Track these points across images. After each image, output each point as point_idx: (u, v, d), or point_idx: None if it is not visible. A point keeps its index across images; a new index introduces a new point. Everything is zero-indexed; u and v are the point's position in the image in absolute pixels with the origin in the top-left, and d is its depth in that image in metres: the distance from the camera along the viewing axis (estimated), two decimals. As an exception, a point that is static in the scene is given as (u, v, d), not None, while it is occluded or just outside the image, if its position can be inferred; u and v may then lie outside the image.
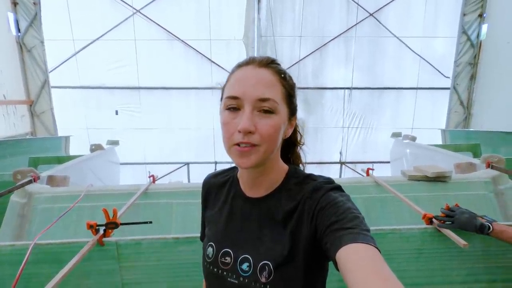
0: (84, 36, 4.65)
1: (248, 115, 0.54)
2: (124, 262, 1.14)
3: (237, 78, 0.57)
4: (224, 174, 0.73)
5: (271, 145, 0.56)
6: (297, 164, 0.72)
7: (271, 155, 0.59)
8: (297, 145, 0.71)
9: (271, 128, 0.55)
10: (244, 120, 0.53)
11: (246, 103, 0.54)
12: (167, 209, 1.67)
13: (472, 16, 4.70)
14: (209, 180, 0.75)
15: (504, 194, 1.76)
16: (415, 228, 1.16)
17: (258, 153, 0.55)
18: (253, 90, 0.54)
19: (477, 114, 4.89)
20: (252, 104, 0.54)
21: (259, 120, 0.54)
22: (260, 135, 0.54)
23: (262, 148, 0.55)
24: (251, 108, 0.54)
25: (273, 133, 0.55)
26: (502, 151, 2.96)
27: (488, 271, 1.19)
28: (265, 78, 0.56)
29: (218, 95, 2.77)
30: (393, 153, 3.78)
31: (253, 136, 0.54)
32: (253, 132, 0.54)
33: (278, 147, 0.60)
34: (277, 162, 0.63)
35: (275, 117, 0.55)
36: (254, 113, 0.54)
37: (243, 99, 0.54)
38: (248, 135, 0.54)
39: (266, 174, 0.62)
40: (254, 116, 0.54)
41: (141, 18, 4.65)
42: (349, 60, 4.95)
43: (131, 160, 5.09)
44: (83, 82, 4.85)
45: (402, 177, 1.83)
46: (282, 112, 0.57)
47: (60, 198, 1.71)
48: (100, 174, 2.95)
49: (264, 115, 0.55)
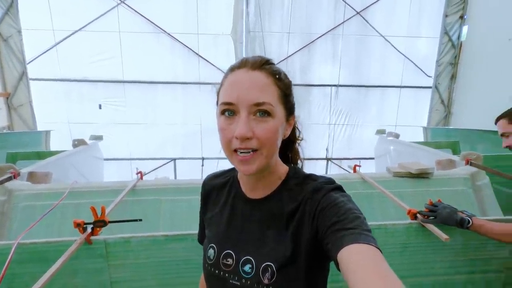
0: (65, 26, 4.45)
1: (244, 120, 0.53)
2: (113, 260, 1.12)
3: (231, 82, 0.56)
4: (224, 175, 0.73)
5: (271, 148, 0.56)
6: (296, 160, 0.71)
7: (272, 158, 0.59)
8: (296, 141, 0.71)
9: (269, 132, 0.54)
10: (241, 127, 0.53)
11: (241, 108, 0.54)
12: (155, 206, 1.65)
13: (453, 18, 4.86)
14: (209, 181, 0.74)
15: (481, 189, 1.85)
16: (400, 224, 1.20)
17: (260, 159, 0.55)
18: (247, 94, 0.53)
19: (457, 112, 5.09)
20: (248, 109, 0.53)
21: (256, 124, 0.54)
22: (258, 139, 0.54)
23: (261, 153, 0.55)
24: (247, 113, 0.53)
25: (271, 136, 0.55)
26: (479, 148, 3.09)
27: (467, 264, 1.25)
28: (259, 81, 0.55)
29: (205, 90, 2.77)
30: (378, 149, 3.88)
31: (251, 141, 0.53)
32: (250, 138, 0.53)
33: (277, 149, 0.60)
34: (276, 163, 0.63)
35: (272, 120, 0.55)
36: (250, 117, 0.54)
37: (238, 104, 0.54)
38: (246, 141, 0.53)
39: (267, 175, 0.62)
40: (250, 121, 0.54)
41: (125, 9, 4.51)
42: (336, 57, 5.02)
43: (116, 156, 4.97)
44: (64, 74, 4.65)
45: (388, 174, 1.89)
46: (278, 114, 0.56)
47: (43, 195, 1.65)
48: (83, 170, 2.86)
49: (260, 119, 0.54)
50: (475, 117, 4.62)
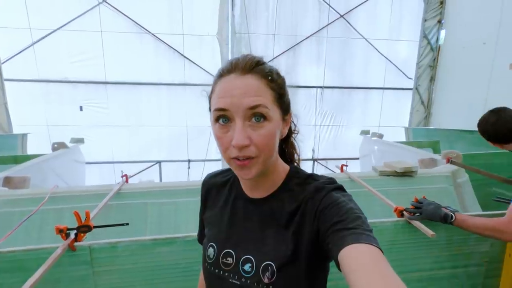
0: (43, 25, 4.27)
1: (240, 129, 0.52)
2: (98, 267, 1.08)
3: (222, 88, 0.54)
4: (224, 174, 0.72)
5: (269, 153, 0.55)
6: (292, 154, 0.70)
7: (271, 161, 0.58)
8: (291, 134, 0.70)
9: (266, 138, 0.53)
10: (237, 136, 0.51)
11: (236, 115, 0.52)
12: (142, 209, 1.61)
13: (432, 22, 5.05)
14: (209, 180, 0.73)
15: (461, 186, 1.93)
16: (388, 221, 1.22)
17: (258, 164, 0.54)
18: (240, 100, 0.51)
19: (436, 113, 5.28)
20: (243, 115, 0.52)
21: (252, 131, 0.52)
22: (256, 146, 0.53)
23: (260, 159, 0.54)
24: (242, 120, 0.52)
25: (269, 141, 0.54)
26: (458, 147, 3.22)
27: (451, 258, 1.29)
28: (252, 86, 0.53)
29: (191, 91, 2.74)
30: (362, 149, 3.97)
31: (249, 149, 0.52)
32: (248, 146, 0.52)
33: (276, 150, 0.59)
34: (276, 163, 0.62)
35: (268, 124, 0.53)
36: (246, 124, 0.52)
37: (232, 110, 0.52)
38: (244, 149, 0.52)
39: (267, 176, 0.61)
40: (246, 128, 0.52)
41: (108, 9, 4.39)
42: (321, 59, 5.09)
43: (98, 159, 4.82)
44: (43, 75, 4.47)
45: (374, 173, 1.93)
46: (274, 116, 0.55)
47: (21, 201, 1.57)
48: (63, 175, 2.75)
49: (257, 125, 0.53)
50: (453, 118, 4.82)
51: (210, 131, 4.03)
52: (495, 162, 2.37)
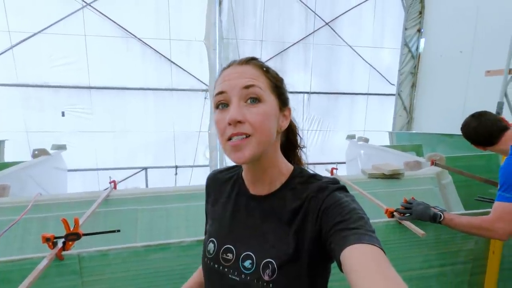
0: (23, 28, 4.13)
1: (235, 105, 0.55)
2: (88, 276, 1.03)
3: (222, 77, 0.59)
4: (229, 170, 0.72)
5: (264, 134, 0.55)
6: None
7: (267, 148, 0.58)
8: (297, 147, 0.72)
9: (260, 116, 0.55)
10: (231, 111, 0.54)
11: (232, 95, 0.55)
12: (132, 216, 1.56)
13: (412, 31, 5.28)
14: (213, 176, 0.74)
15: (446, 187, 2.00)
16: (380, 222, 1.25)
17: (251, 144, 0.54)
18: (236, 81, 0.56)
19: (417, 118, 5.48)
20: (238, 94, 0.55)
21: (247, 110, 0.55)
22: (250, 124, 0.54)
23: (254, 138, 0.54)
24: (238, 99, 0.55)
25: (263, 120, 0.55)
26: (439, 150, 3.34)
27: (439, 257, 1.33)
28: (248, 72, 0.58)
29: (178, 96, 2.75)
30: (349, 154, 4.04)
31: (243, 126, 0.54)
32: (242, 122, 0.54)
33: (273, 139, 0.59)
34: (277, 158, 0.63)
35: (262, 105, 0.56)
36: (241, 104, 0.55)
37: (229, 91, 0.56)
38: (238, 125, 0.54)
39: (267, 169, 0.61)
40: (241, 108, 0.55)
41: (92, 12, 4.30)
42: (308, 65, 5.19)
43: (81, 166, 4.66)
44: (22, 79, 4.30)
45: (363, 175, 1.97)
46: (269, 100, 0.58)
47: (1, 210, 1.49)
48: (44, 183, 2.64)
49: (251, 105, 0.55)
50: (433, 122, 5.02)
51: (197, 136, 3.97)
52: (475, 164, 2.48)
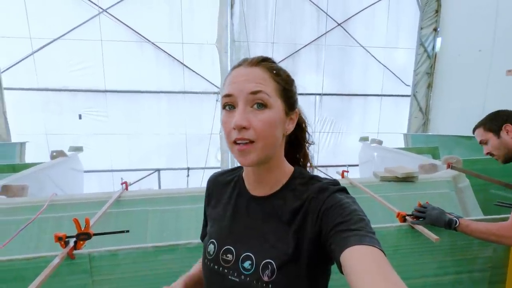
0: (43, 34, 4.30)
1: (241, 111, 0.55)
2: (98, 275, 1.05)
3: (231, 78, 0.59)
4: (230, 173, 0.73)
5: (268, 140, 0.56)
6: (305, 163, 0.72)
7: (272, 152, 0.58)
8: (305, 144, 0.72)
9: (265, 124, 0.55)
10: (237, 117, 0.54)
11: (239, 99, 0.55)
12: (143, 217, 1.59)
13: (428, 30, 5.14)
14: (214, 178, 0.74)
15: (463, 191, 1.93)
16: (391, 226, 1.21)
17: (256, 150, 0.55)
18: (243, 85, 0.56)
19: (434, 119, 5.31)
20: (245, 99, 0.55)
21: (253, 116, 0.55)
22: (255, 130, 0.54)
23: (259, 144, 0.55)
24: (244, 104, 0.55)
25: (268, 128, 0.55)
26: (457, 153, 3.22)
27: (455, 264, 1.28)
28: (256, 75, 0.57)
29: (191, 99, 2.78)
30: (362, 156, 3.97)
31: (248, 132, 0.54)
32: (247, 128, 0.54)
33: (279, 143, 0.60)
34: (281, 160, 0.63)
35: (268, 112, 0.56)
36: (248, 109, 0.55)
37: (235, 95, 0.56)
38: (243, 131, 0.54)
39: (271, 172, 0.62)
40: (247, 113, 0.55)
41: (107, 18, 4.44)
42: (320, 67, 5.14)
43: (97, 168, 4.79)
44: (42, 83, 4.48)
45: (375, 178, 1.93)
46: (276, 106, 0.57)
47: (19, 209, 1.55)
48: (61, 183, 2.73)
49: (257, 111, 0.55)
50: (450, 124, 4.85)
51: (209, 138, 3.99)
52: (494, 167, 2.37)
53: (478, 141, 1.38)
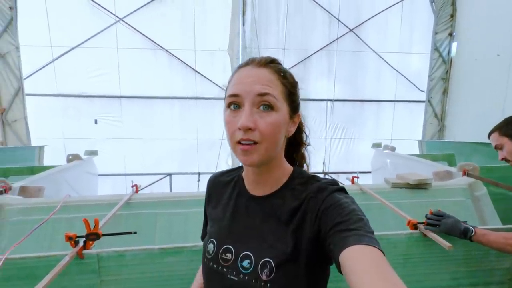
0: (63, 42, 4.50)
1: (248, 112, 0.54)
2: (106, 276, 1.07)
3: (237, 77, 0.59)
4: (229, 173, 0.73)
5: (272, 142, 0.56)
6: (302, 164, 0.72)
7: (274, 153, 0.59)
8: (302, 145, 0.72)
9: (271, 126, 0.55)
10: (243, 118, 0.54)
11: (245, 100, 0.55)
12: (151, 219, 1.61)
13: (443, 35, 5.03)
14: (214, 178, 0.75)
15: (480, 199, 1.85)
16: (402, 234, 1.18)
17: (260, 151, 0.55)
18: (251, 86, 0.55)
19: (450, 125, 5.16)
20: (252, 100, 0.55)
21: (259, 117, 0.55)
22: (260, 132, 0.54)
23: (262, 146, 0.55)
24: (251, 105, 0.55)
25: (273, 130, 0.55)
26: (474, 160, 3.11)
27: (470, 275, 1.22)
28: (264, 77, 0.57)
29: (202, 105, 2.82)
30: (374, 163, 3.89)
31: (253, 133, 0.54)
32: (253, 129, 0.54)
33: (281, 145, 0.60)
34: (281, 161, 0.64)
35: (274, 114, 0.56)
36: (254, 110, 0.55)
37: (243, 96, 0.55)
38: (248, 132, 0.54)
39: (271, 172, 0.62)
40: (253, 114, 0.55)
41: (123, 26, 4.59)
42: (331, 72, 5.12)
43: (111, 171, 4.90)
44: (61, 90, 4.66)
45: (386, 185, 1.88)
46: (282, 109, 0.57)
47: (34, 209, 1.60)
48: (76, 186, 2.81)
49: (263, 112, 0.55)
50: (468, 130, 4.69)
51: (220, 144, 4.00)
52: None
53: (493, 146, 1.33)
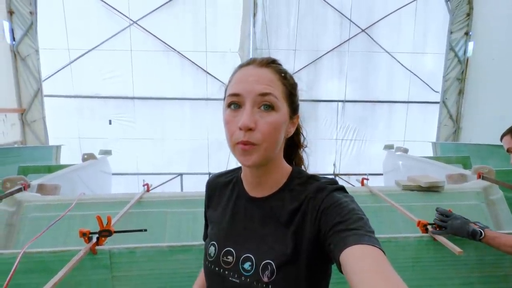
0: (79, 45, 4.66)
1: (248, 111, 0.54)
2: (117, 271, 1.11)
3: (238, 77, 0.58)
4: (228, 174, 0.73)
5: (272, 143, 0.56)
6: (299, 166, 0.72)
7: (274, 154, 0.59)
8: (300, 147, 0.72)
9: (271, 126, 0.55)
10: (244, 117, 0.53)
11: (246, 100, 0.55)
12: (161, 218, 1.64)
13: (458, 34, 4.90)
14: (213, 180, 0.75)
15: (495, 204, 1.79)
16: (411, 237, 1.16)
17: (259, 151, 0.55)
18: (253, 86, 0.55)
19: (466, 127, 5.01)
20: (253, 100, 0.55)
21: (259, 117, 0.55)
22: (261, 133, 0.54)
23: (262, 146, 0.55)
24: (252, 105, 0.55)
25: (273, 130, 0.55)
26: (490, 163, 3.01)
27: (483, 280, 1.19)
28: (266, 77, 0.57)
29: (213, 106, 2.84)
30: (386, 165, 3.82)
31: (253, 133, 0.54)
32: (253, 129, 0.54)
33: (280, 146, 0.60)
34: (280, 161, 0.63)
35: (275, 114, 0.56)
36: (255, 110, 0.55)
37: (243, 95, 0.55)
38: (249, 132, 0.54)
39: (270, 173, 0.62)
40: (254, 113, 0.55)
41: (137, 29, 4.70)
42: (343, 73, 5.07)
43: (124, 171, 5.02)
44: (77, 91, 4.82)
45: (396, 187, 1.85)
46: (282, 109, 0.57)
47: (51, 206, 1.66)
48: (91, 184, 2.89)
49: (264, 113, 0.55)
50: (485, 132, 4.54)
51: (229, 143, 4.02)
52: (532, 179, 2.19)
53: (505, 149, 1.29)
